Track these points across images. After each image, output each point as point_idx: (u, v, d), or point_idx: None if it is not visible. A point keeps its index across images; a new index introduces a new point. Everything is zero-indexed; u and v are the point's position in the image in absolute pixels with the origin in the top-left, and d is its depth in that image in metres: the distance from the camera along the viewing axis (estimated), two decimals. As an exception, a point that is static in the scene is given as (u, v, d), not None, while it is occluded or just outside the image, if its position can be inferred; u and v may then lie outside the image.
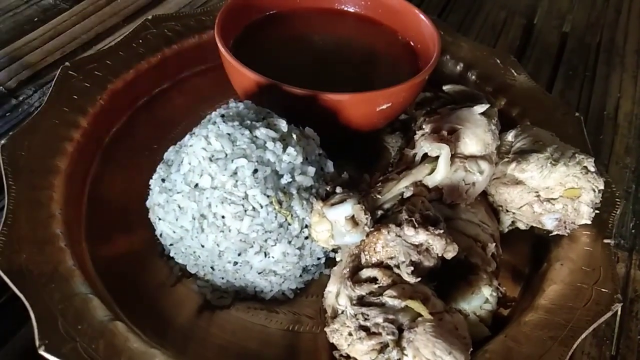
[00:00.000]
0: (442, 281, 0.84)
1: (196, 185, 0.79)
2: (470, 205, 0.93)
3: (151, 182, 0.88)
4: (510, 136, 0.99)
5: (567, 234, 0.94)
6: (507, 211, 0.96)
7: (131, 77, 1.08)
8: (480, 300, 0.84)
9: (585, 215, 0.91)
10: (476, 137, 0.90)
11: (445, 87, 1.09)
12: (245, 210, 0.78)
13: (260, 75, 0.91)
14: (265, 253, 0.81)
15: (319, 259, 0.88)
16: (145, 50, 1.12)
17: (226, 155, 0.78)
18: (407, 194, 0.85)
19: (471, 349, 0.73)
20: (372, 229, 0.79)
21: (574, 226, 0.93)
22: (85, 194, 0.93)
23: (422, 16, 1.13)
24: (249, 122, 0.81)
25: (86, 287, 0.76)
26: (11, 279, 0.72)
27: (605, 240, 0.93)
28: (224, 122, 0.80)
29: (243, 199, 0.78)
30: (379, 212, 0.83)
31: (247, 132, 0.79)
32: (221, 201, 0.77)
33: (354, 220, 0.78)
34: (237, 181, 0.77)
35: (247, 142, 0.78)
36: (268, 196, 0.78)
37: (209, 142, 0.79)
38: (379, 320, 0.71)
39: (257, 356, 0.82)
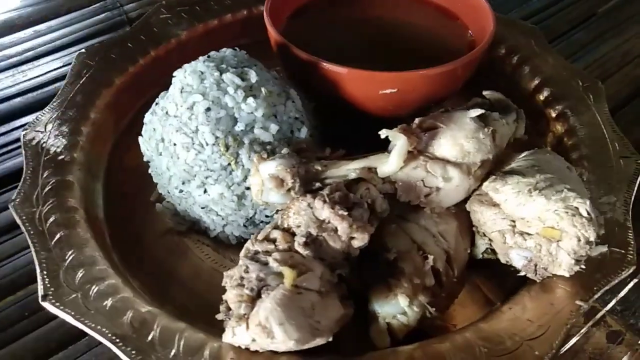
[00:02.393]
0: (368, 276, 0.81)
1: (167, 112, 0.87)
2: (439, 214, 0.85)
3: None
4: (520, 156, 0.88)
5: (537, 280, 0.81)
6: (484, 235, 0.85)
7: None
8: (394, 308, 0.78)
9: (563, 265, 0.77)
10: (454, 140, 0.82)
11: (485, 92, 0.99)
12: (193, 144, 0.84)
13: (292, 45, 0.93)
14: (205, 189, 0.86)
15: (267, 216, 0.90)
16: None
17: (192, 90, 0.84)
18: (352, 176, 0.81)
19: (328, 338, 0.69)
20: (298, 195, 0.79)
21: (546, 273, 0.79)
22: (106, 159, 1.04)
23: (488, 10, 1.04)
24: (224, 66, 0.86)
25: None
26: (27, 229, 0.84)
27: (578, 302, 0.77)
28: (203, 62, 0.86)
29: (193, 132, 0.83)
30: (317, 184, 0.81)
31: (216, 74, 0.84)
32: (176, 129, 0.85)
33: (279, 180, 0.79)
34: (192, 115, 0.83)
35: (211, 82, 0.84)
36: (216, 137, 0.83)
37: (185, 75, 0.86)
38: (252, 275, 0.72)
39: (182, 283, 0.88)
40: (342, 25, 1.13)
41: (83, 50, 1.14)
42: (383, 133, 0.80)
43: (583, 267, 0.78)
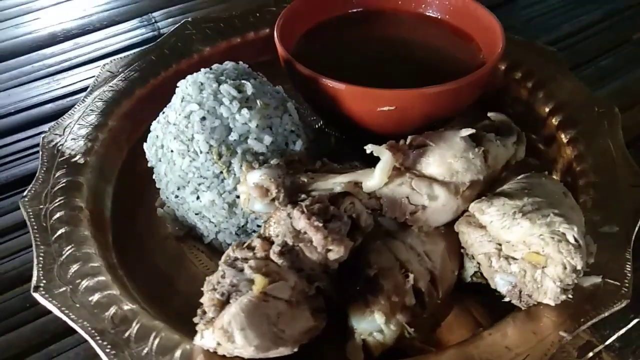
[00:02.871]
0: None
1: (168, 120, 0.91)
2: (427, 234, 0.84)
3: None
4: (515, 179, 0.85)
5: (522, 307, 0.78)
6: (472, 258, 0.83)
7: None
8: (370, 325, 0.77)
9: (549, 293, 0.74)
10: (441, 159, 0.81)
11: (489, 114, 0.98)
12: (188, 151, 0.87)
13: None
14: (197, 196, 0.89)
15: (259, 225, 0.92)
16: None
17: (190, 99, 0.88)
18: (337, 189, 0.82)
19: (293, 349, 0.69)
20: (281, 206, 0.80)
21: (531, 301, 0.76)
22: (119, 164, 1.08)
23: (498, 31, 1.03)
24: (223, 78, 0.89)
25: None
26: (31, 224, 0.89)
27: (562, 333, 0.74)
28: (205, 73, 0.90)
29: (189, 140, 0.87)
30: (302, 196, 0.82)
31: (215, 85, 0.87)
32: (174, 137, 0.88)
33: (263, 190, 0.80)
34: (188, 123, 0.86)
35: (209, 93, 0.87)
36: (210, 145, 0.86)
37: (186, 85, 0.90)
38: (227, 281, 0.73)
39: (174, 286, 0.91)
40: (354, 45, 1.14)
41: (106, 63, 1.20)
42: (368, 148, 0.80)
43: (570, 296, 0.75)
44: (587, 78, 1.29)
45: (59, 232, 0.89)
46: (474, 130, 0.83)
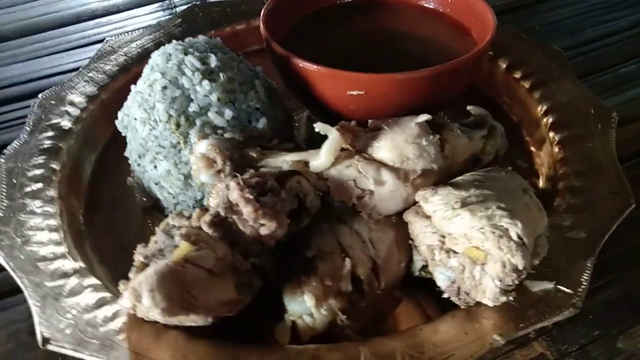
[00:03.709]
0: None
1: (137, 89, 0.93)
2: (377, 221, 0.81)
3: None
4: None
5: (462, 306, 0.73)
6: (419, 250, 0.79)
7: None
8: (300, 306, 0.75)
9: (487, 292, 0.69)
10: (393, 143, 0.77)
11: (469, 107, 0.93)
12: (149, 119, 0.88)
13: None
14: (155, 165, 0.90)
15: (219, 201, 0.91)
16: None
17: (157, 69, 0.89)
18: (285, 168, 0.80)
19: (207, 318, 0.68)
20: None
21: (469, 299, 0.72)
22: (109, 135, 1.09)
23: (490, 24, 0.98)
24: (191, 50, 0.89)
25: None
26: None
27: (495, 337, 0.68)
28: (175, 45, 0.91)
29: (151, 108, 0.87)
30: (250, 171, 0.81)
31: (181, 56, 0.88)
32: (138, 105, 0.89)
33: (209, 160, 0.80)
34: (151, 92, 0.87)
35: (173, 63, 0.87)
36: (170, 115, 0.86)
37: (157, 55, 0.91)
38: (155, 247, 0.73)
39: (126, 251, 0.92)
40: (347, 34, 1.12)
41: (109, 38, 1.24)
42: (317, 126, 0.78)
43: (512, 298, 0.69)
44: (600, 85, 1.21)
45: (27, 190, 0.92)
46: (429, 117, 0.79)
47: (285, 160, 0.81)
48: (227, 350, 0.70)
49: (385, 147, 0.78)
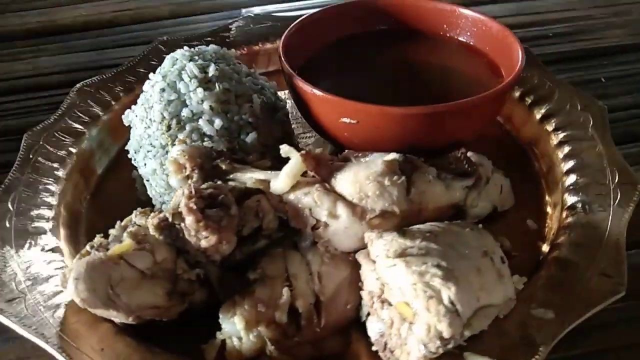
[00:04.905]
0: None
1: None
2: (333, 256, 0.77)
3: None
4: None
5: (387, 361, 0.68)
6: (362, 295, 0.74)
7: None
8: (230, 327, 0.74)
9: (411, 355, 0.64)
10: (354, 177, 0.74)
11: (469, 154, 0.86)
12: (146, 118, 0.91)
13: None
14: (145, 163, 0.93)
15: (197, 206, 0.92)
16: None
17: (162, 71, 0.92)
18: (248, 184, 0.79)
19: (127, 317, 0.69)
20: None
21: (393, 357, 0.66)
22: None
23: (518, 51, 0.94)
24: (196, 58, 0.92)
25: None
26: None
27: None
28: (184, 51, 0.94)
29: (150, 108, 0.91)
30: (218, 182, 0.81)
31: (184, 62, 0.91)
32: (141, 103, 0.94)
33: (179, 166, 0.81)
34: (152, 93, 0.91)
35: (176, 68, 0.90)
36: (163, 117, 0.89)
37: (167, 59, 0.94)
38: (105, 240, 0.76)
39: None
40: (369, 62, 1.09)
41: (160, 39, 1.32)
42: (282, 148, 0.77)
43: (437, 366, 0.63)
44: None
45: (38, 166, 1.00)
46: (396, 155, 0.74)
47: (251, 177, 0.80)
48: (142, 353, 0.71)
49: (346, 181, 0.74)
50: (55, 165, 1.01)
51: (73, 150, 1.05)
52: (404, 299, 0.64)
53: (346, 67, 1.08)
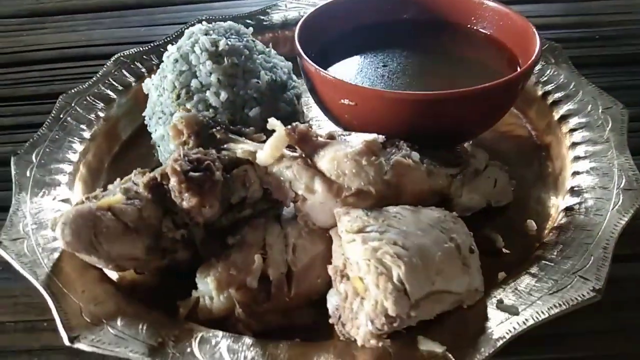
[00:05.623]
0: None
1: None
2: (312, 231, 0.79)
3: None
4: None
5: (340, 337, 0.68)
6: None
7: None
8: (204, 287, 0.77)
9: (360, 330, 0.64)
10: (334, 154, 0.75)
11: (466, 144, 0.85)
12: (160, 86, 0.97)
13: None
14: (156, 129, 0.98)
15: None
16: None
17: (178, 43, 0.97)
18: (239, 155, 0.82)
19: (107, 265, 0.74)
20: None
21: (344, 331, 0.67)
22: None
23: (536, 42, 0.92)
24: (212, 31, 0.96)
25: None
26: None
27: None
28: (202, 26, 0.98)
29: (164, 77, 0.96)
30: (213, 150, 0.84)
31: (199, 35, 0.95)
32: (159, 73, 0.99)
33: (177, 131, 0.85)
34: (168, 63, 0.96)
35: (191, 41, 0.95)
36: (175, 86, 0.94)
37: (185, 32, 0.99)
38: (103, 193, 0.81)
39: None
40: (382, 49, 1.08)
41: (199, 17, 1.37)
42: (270, 120, 0.79)
43: (381, 344, 0.63)
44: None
45: (65, 124, 1.08)
46: (377, 136, 0.75)
47: (241, 148, 0.83)
48: (117, 299, 0.75)
49: (327, 157, 0.76)
50: (83, 126, 1.09)
51: (101, 114, 1.13)
52: (360, 274, 0.65)
53: (364, 53, 1.08)
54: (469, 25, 1.09)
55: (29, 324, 0.83)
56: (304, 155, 0.77)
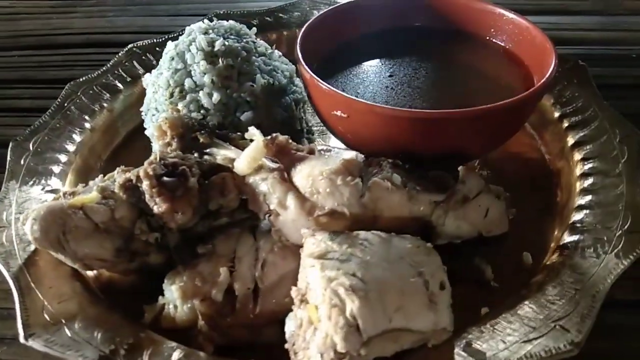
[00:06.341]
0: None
1: (165, 55, 1.01)
2: (285, 247, 0.76)
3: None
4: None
5: (294, 362, 0.65)
6: (295, 291, 0.72)
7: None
8: (170, 294, 0.76)
9: (312, 361, 0.61)
10: (310, 171, 0.72)
11: (460, 168, 0.80)
12: (156, 83, 0.95)
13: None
14: (149, 125, 0.97)
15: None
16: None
17: (177, 40, 0.96)
18: (218, 160, 0.80)
19: (73, 263, 0.73)
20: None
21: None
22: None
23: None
24: (211, 31, 0.94)
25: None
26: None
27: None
28: (203, 25, 0.96)
29: (160, 74, 0.95)
30: (195, 154, 0.82)
31: (198, 34, 0.93)
32: (157, 69, 0.98)
33: (162, 132, 0.84)
34: (165, 60, 0.95)
35: (189, 39, 0.93)
36: (169, 84, 0.93)
37: (187, 30, 0.97)
38: (79, 189, 0.81)
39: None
40: (395, 58, 1.04)
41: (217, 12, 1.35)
42: (250, 129, 0.76)
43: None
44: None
45: (67, 113, 1.08)
46: (355, 155, 0.71)
47: (222, 154, 0.81)
48: (82, 298, 0.74)
49: (302, 173, 0.72)
50: (85, 116, 1.09)
51: (105, 105, 1.13)
52: (317, 302, 0.62)
53: (371, 62, 1.03)
54: (487, 37, 1.03)
55: (5, 312, 0.83)
56: (282, 168, 0.74)
